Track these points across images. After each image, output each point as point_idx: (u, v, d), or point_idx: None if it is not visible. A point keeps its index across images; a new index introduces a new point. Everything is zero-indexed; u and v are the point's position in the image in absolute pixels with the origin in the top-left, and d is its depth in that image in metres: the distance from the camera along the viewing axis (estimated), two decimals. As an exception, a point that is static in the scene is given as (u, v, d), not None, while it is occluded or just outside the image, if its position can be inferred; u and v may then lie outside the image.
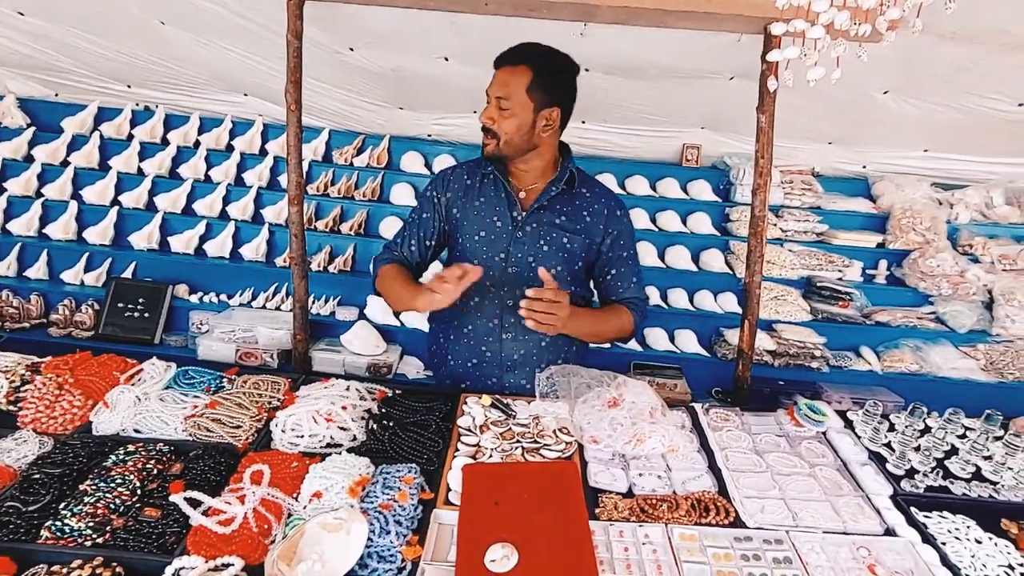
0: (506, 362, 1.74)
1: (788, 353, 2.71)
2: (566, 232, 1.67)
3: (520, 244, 1.67)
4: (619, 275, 1.75)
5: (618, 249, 1.73)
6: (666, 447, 1.49)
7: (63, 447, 1.39)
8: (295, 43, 2.19)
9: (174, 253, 3.00)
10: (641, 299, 1.79)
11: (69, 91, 3.44)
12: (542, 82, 1.55)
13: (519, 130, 1.56)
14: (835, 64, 1.38)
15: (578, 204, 1.69)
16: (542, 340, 1.72)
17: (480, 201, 1.71)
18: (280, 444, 1.47)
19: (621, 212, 1.74)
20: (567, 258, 1.69)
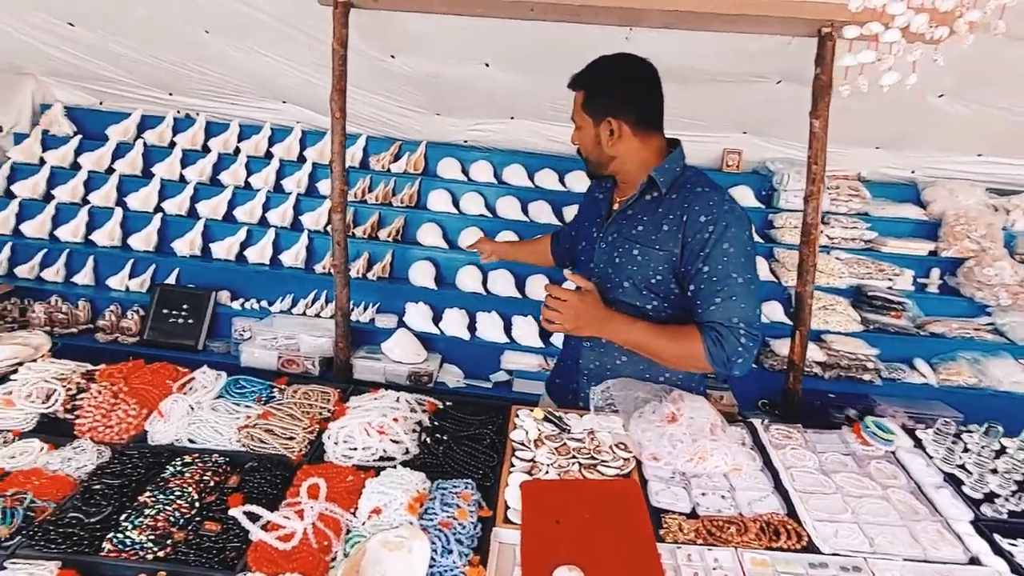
0: (583, 370, 1.73)
1: (839, 365, 2.62)
2: (638, 244, 1.57)
3: (602, 254, 1.66)
4: (697, 293, 1.51)
5: (697, 262, 1.49)
6: (729, 466, 1.44)
7: (121, 457, 1.40)
8: (340, 51, 2.19)
9: (216, 259, 3.03)
10: (726, 325, 1.47)
11: (113, 99, 3.51)
12: (592, 99, 1.61)
13: (590, 145, 1.63)
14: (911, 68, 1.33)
15: (660, 212, 1.55)
16: (620, 355, 1.66)
17: (591, 211, 1.79)
18: (333, 456, 1.45)
19: (708, 219, 1.48)
20: (637, 271, 1.58)
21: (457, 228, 3.12)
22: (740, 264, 1.48)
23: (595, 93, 1.59)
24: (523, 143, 3.35)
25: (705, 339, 1.48)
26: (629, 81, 1.61)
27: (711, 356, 1.48)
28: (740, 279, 1.47)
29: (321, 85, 3.08)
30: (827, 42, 2.10)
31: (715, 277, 1.48)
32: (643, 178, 1.58)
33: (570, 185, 3.25)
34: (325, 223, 3.12)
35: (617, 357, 1.67)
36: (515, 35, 2.49)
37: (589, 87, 1.60)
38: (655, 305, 1.60)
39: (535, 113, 3.21)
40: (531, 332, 2.78)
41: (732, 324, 1.47)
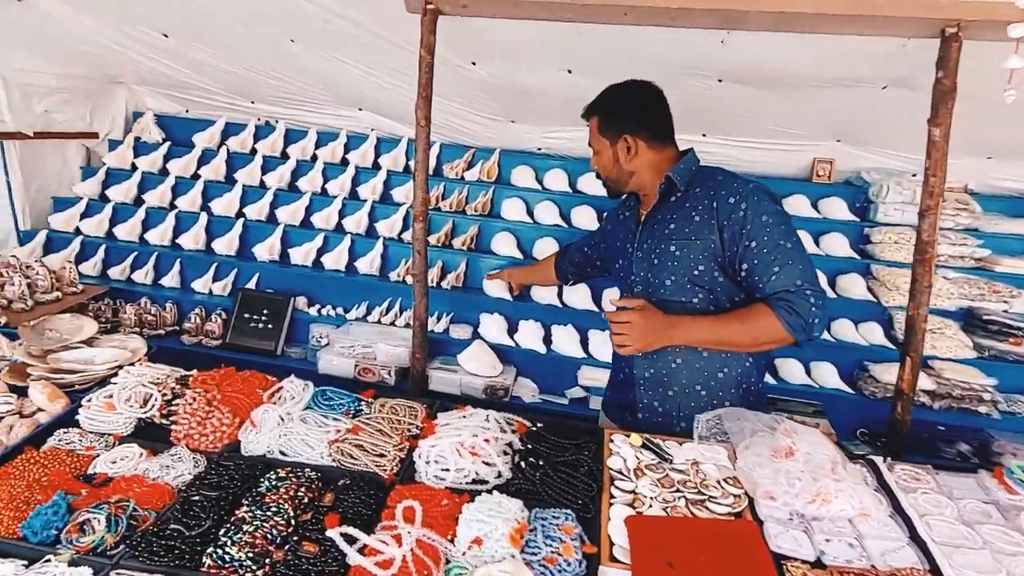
0: (638, 379, 1.73)
1: (951, 395, 2.40)
2: (674, 240, 1.63)
3: (640, 263, 1.72)
4: (752, 270, 1.53)
5: (743, 240, 1.52)
6: (856, 510, 1.30)
7: (217, 468, 1.39)
8: (427, 58, 2.16)
9: (294, 265, 3.08)
10: (792, 291, 1.48)
11: (198, 107, 3.64)
12: (606, 122, 1.76)
13: (608, 166, 1.76)
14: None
15: (688, 207, 1.63)
16: (675, 358, 1.66)
17: (621, 231, 1.88)
18: (426, 477, 1.40)
19: (737, 199, 1.54)
20: (678, 267, 1.62)
21: (531, 237, 3.05)
22: (783, 231, 1.52)
23: (608, 116, 1.75)
24: (599, 151, 3.26)
25: (778, 311, 1.49)
26: (638, 100, 1.75)
27: (789, 326, 1.48)
28: (788, 244, 1.51)
29: (396, 92, 3.10)
30: (951, 43, 1.92)
31: (765, 248, 1.51)
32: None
33: (647, 195, 3.13)
34: (399, 230, 3.12)
35: (672, 360, 1.66)
36: (600, 41, 2.41)
37: (602, 112, 1.77)
38: (701, 298, 1.61)
39: (613, 120, 3.11)
40: (609, 347, 2.67)
41: (798, 287, 1.49)
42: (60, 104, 3.23)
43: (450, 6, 2.10)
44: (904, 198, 2.85)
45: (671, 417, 1.69)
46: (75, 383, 1.70)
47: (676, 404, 1.68)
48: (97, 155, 3.60)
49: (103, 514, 1.21)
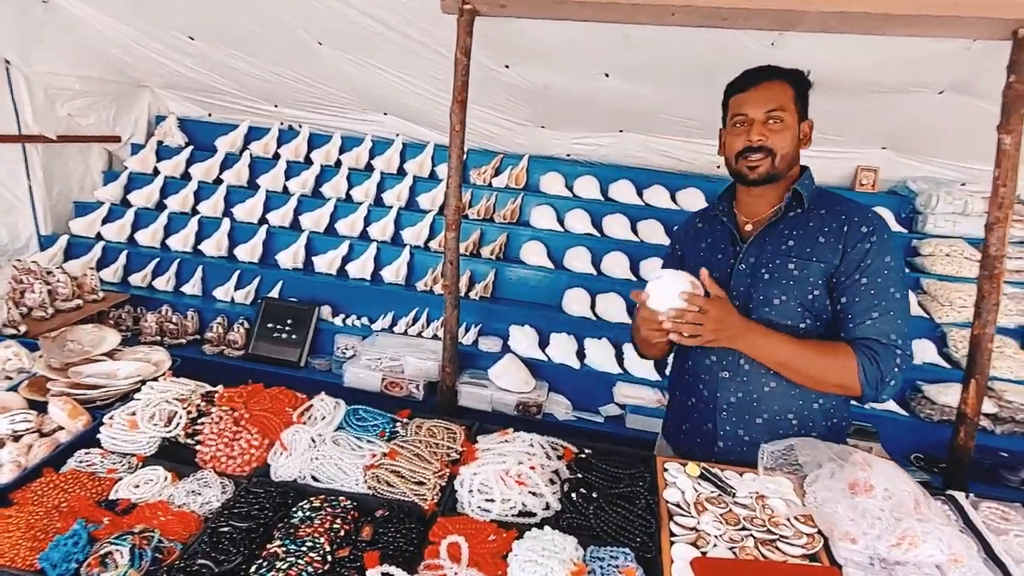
0: (721, 404, 1.53)
1: (1014, 419, 2.25)
2: (793, 258, 1.46)
3: (741, 276, 1.51)
4: (850, 305, 1.41)
5: (854, 272, 1.41)
6: (946, 555, 1.18)
7: (247, 495, 1.29)
8: (463, 61, 2.07)
9: (318, 273, 3.00)
10: (882, 342, 1.37)
11: (221, 111, 3.60)
12: (800, 94, 1.50)
13: (792, 143, 1.48)
14: None
15: (812, 226, 1.48)
16: (769, 381, 1.49)
17: (707, 242, 1.64)
18: (469, 508, 1.30)
19: (869, 229, 1.42)
20: (793, 287, 1.45)
21: (562, 246, 2.96)
22: (898, 279, 1.42)
23: (800, 90, 1.49)
24: (631, 157, 3.17)
25: (860, 356, 1.37)
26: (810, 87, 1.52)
27: (865, 375, 1.37)
28: (898, 294, 1.42)
29: (424, 96, 3.02)
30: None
31: (873, 290, 1.40)
32: (781, 194, 1.52)
33: (681, 203, 3.03)
34: (426, 238, 3.03)
35: (765, 384, 1.48)
36: (640, 44, 2.31)
37: (795, 82, 1.49)
38: (808, 324, 1.45)
39: (646, 126, 3.02)
40: (646, 363, 2.56)
41: (890, 341, 1.38)
42: (83, 107, 3.20)
43: (488, 6, 2.02)
44: (955, 208, 2.71)
45: (757, 449, 1.49)
46: (96, 399, 1.62)
47: (764, 433, 1.51)
48: (119, 159, 3.56)
49: (127, 546, 1.12)
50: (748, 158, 1.48)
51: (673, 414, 1.75)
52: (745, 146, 1.48)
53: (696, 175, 3.14)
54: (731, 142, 1.52)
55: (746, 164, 1.48)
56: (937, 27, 1.85)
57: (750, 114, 1.48)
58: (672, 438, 1.73)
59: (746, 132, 1.48)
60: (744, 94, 1.51)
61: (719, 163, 3.12)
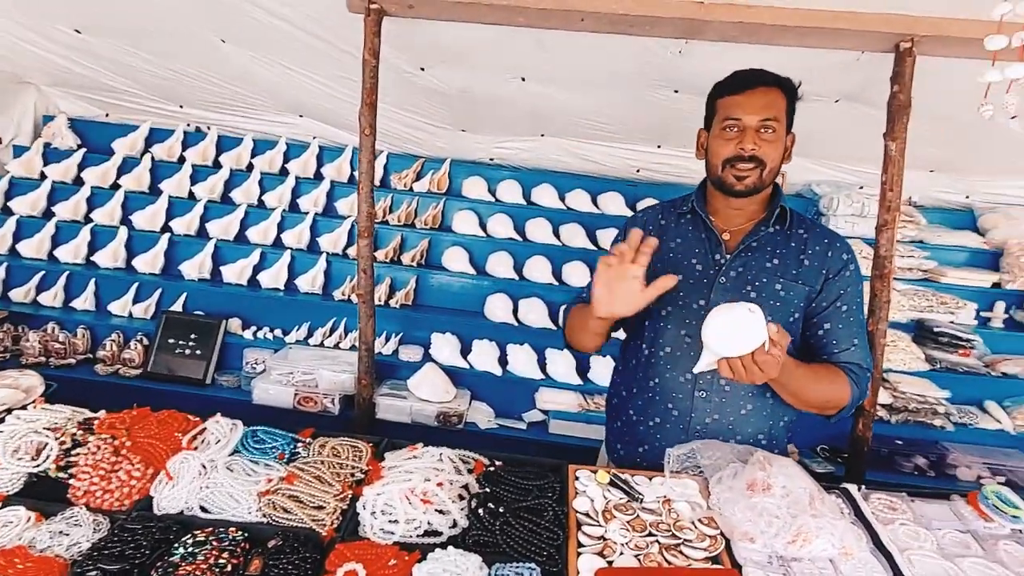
0: (695, 426, 1.47)
1: (907, 408, 2.40)
2: (780, 278, 1.43)
3: (723, 290, 1.44)
4: (834, 332, 1.43)
5: (836, 299, 1.43)
6: (837, 549, 1.22)
7: (122, 532, 1.18)
8: (372, 62, 2.01)
9: (226, 284, 2.83)
10: (863, 367, 1.42)
11: (120, 111, 3.34)
12: (790, 106, 1.45)
13: (779, 157, 1.43)
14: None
15: (794, 246, 1.46)
16: (746, 403, 1.46)
17: (677, 242, 1.52)
18: (371, 532, 1.23)
19: (848, 257, 1.45)
20: (779, 307, 1.42)
21: (484, 252, 2.92)
22: (863, 307, 1.49)
23: (792, 101, 1.46)
24: (553, 161, 3.18)
25: (851, 383, 1.41)
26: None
27: (852, 400, 1.41)
28: (864, 322, 1.51)
29: (340, 98, 2.92)
30: (906, 58, 1.92)
31: (852, 318, 1.44)
32: (760, 207, 1.47)
33: (603, 207, 3.07)
34: (344, 245, 2.92)
35: (742, 407, 1.46)
36: (553, 48, 2.32)
37: (788, 92, 1.44)
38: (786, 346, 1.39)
39: (567, 130, 3.03)
40: (567, 368, 2.57)
41: (866, 366, 1.44)
42: (-46, 106, 2.89)
43: (395, 7, 1.96)
44: (854, 210, 2.88)
45: None
46: (-49, 432, 1.44)
47: None
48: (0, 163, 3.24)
49: (-30, 604, 0.99)
50: (737, 167, 1.39)
51: (624, 435, 1.61)
52: (735, 154, 1.39)
53: (617, 179, 3.19)
54: (718, 147, 1.42)
55: (734, 173, 1.40)
56: (828, 39, 1.94)
57: (744, 120, 1.38)
58: (624, 461, 1.61)
59: (737, 139, 1.38)
60: (738, 97, 1.41)
61: (639, 167, 3.19)
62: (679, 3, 1.88)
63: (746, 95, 1.40)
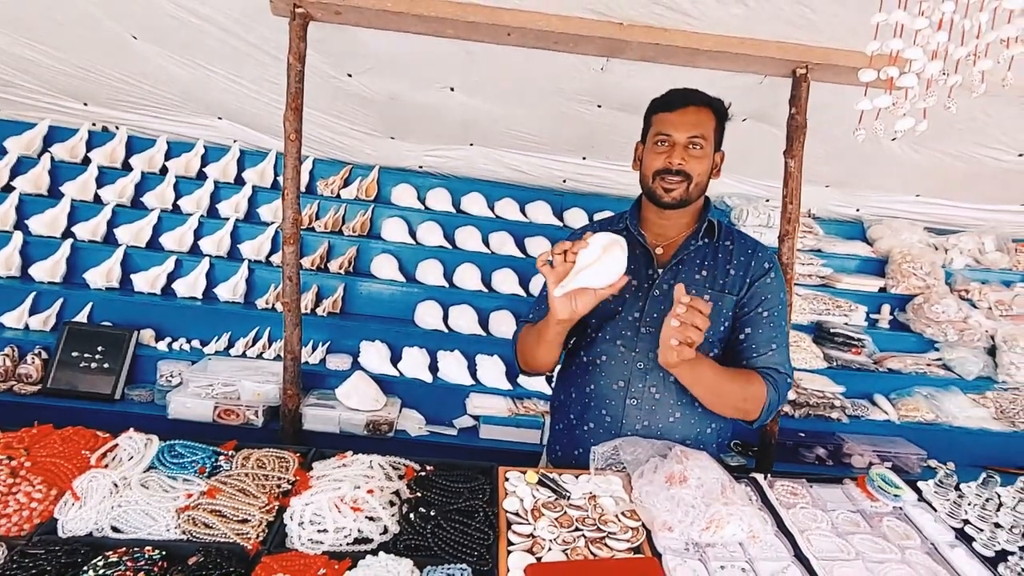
0: (625, 431, 1.53)
1: (808, 404, 2.61)
2: (708, 289, 1.50)
3: (656, 302, 1.51)
4: (754, 336, 1.49)
5: (758, 305, 1.49)
6: (746, 533, 1.32)
7: (21, 558, 1.10)
8: (297, 67, 1.98)
9: (137, 293, 2.66)
10: (780, 371, 1.47)
11: (14, 107, 3.09)
12: (720, 124, 1.53)
13: (707, 172, 1.51)
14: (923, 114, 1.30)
15: (721, 258, 1.53)
16: (675, 410, 1.52)
17: None
18: (299, 543, 1.21)
19: (770, 265, 1.52)
20: (710, 317, 1.42)
21: (414, 259, 2.92)
22: (784, 312, 1.53)
23: (721, 121, 1.52)
24: (482, 171, 3.22)
25: (768, 386, 1.45)
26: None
27: (769, 403, 1.45)
28: (786, 327, 1.53)
29: (263, 101, 2.84)
30: (802, 83, 2.11)
31: (772, 323, 1.49)
32: (690, 220, 1.55)
33: (532, 216, 3.14)
34: (268, 252, 2.83)
35: (671, 415, 1.52)
36: (482, 60, 2.37)
37: (718, 112, 1.51)
38: (715, 354, 1.52)
39: (496, 140, 3.09)
40: (497, 373, 2.60)
41: (784, 371, 1.49)
42: None
43: (322, 11, 1.95)
44: (761, 221, 3.10)
45: None
46: None
47: None
48: None
49: None
50: (665, 179, 1.47)
51: (563, 437, 1.66)
52: (664, 167, 1.47)
53: (544, 189, 3.28)
54: (650, 160, 1.50)
55: (662, 185, 1.47)
56: (735, 63, 2.11)
57: (674, 136, 1.46)
58: (561, 462, 1.67)
59: (667, 153, 1.46)
60: (670, 114, 1.49)
61: (565, 178, 3.30)
62: (600, 23, 1.99)
63: (677, 113, 1.49)
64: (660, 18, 2.02)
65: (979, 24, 1.17)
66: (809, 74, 2.09)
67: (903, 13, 1.19)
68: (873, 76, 1.26)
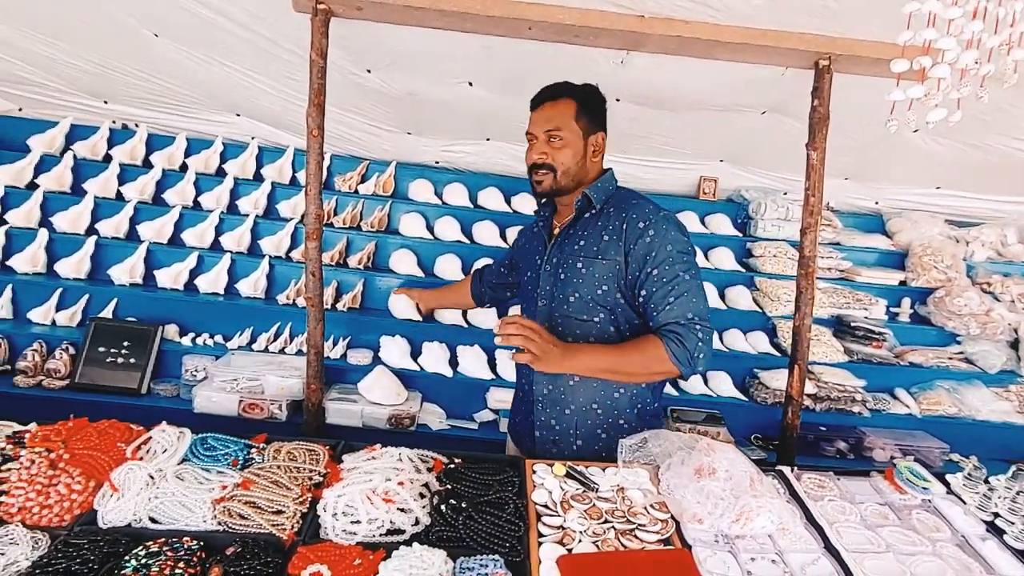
0: (536, 396, 1.69)
1: (829, 397, 2.60)
2: (582, 257, 1.61)
3: (547, 277, 1.67)
4: (649, 297, 1.53)
5: (646, 266, 1.53)
6: (776, 525, 1.33)
7: (65, 547, 1.13)
8: (319, 63, 1.99)
9: (160, 289, 2.69)
10: (682, 323, 1.49)
11: (36, 106, 3.12)
12: (587, 109, 1.64)
13: (574, 158, 1.62)
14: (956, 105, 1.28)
15: (599, 225, 1.62)
16: (571, 378, 1.63)
17: (528, 244, 1.82)
18: (333, 534, 1.23)
19: (646, 224, 1.54)
20: (583, 284, 1.60)
21: (432, 254, 2.93)
22: (684, 261, 1.54)
23: (588, 105, 1.64)
24: (499, 165, 3.22)
25: (667, 343, 1.49)
26: (604, 103, 1.71)
27: (675, 358, 1.48)
28: (687, 275, 1.52)
29: (281, 98, 2.85)
30: (824, 74, 2.09)
31: (664, 278, 1.52)
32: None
33: (548, 210, 3.14)
34: (287, 248, 2.85)
35: (570, 378, 1.63)
36: (500, 54, 2.37)
37: (581, 98, 1.63)
38: (602, 318, 1.60)
39: (513, 135, 3.08)
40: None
41: (688, 320, 1.50)
42: None
43: (343, 8, 1.96)
44: (779, 215, 3.08)
45: (568, 436, 1.67)
46: None
47: (573, 422, 1.66)
48: None
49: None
50: (536, 173, 1.64)
51: (513, 411, 1.89)
52: (532, 162, 1.65)
53: (560, 183, 3.27)
54: (526, 157, 1.68)
55: (534, 178, 1.66)
56: (756, 55, 2.09)
57: (534, 132, 1.65)
58: (512, 433, 1.88)
59: (531, 149, 1.65)
60: (532, 113, 1.68)
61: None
62: (621, 16, 1.98)
63: (536, 112, 1.67)
64: (681, 10, 2.01)
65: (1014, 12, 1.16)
66: (832, 65, 2.07)
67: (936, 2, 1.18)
68: (906, 66, 1.25)
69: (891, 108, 1.31)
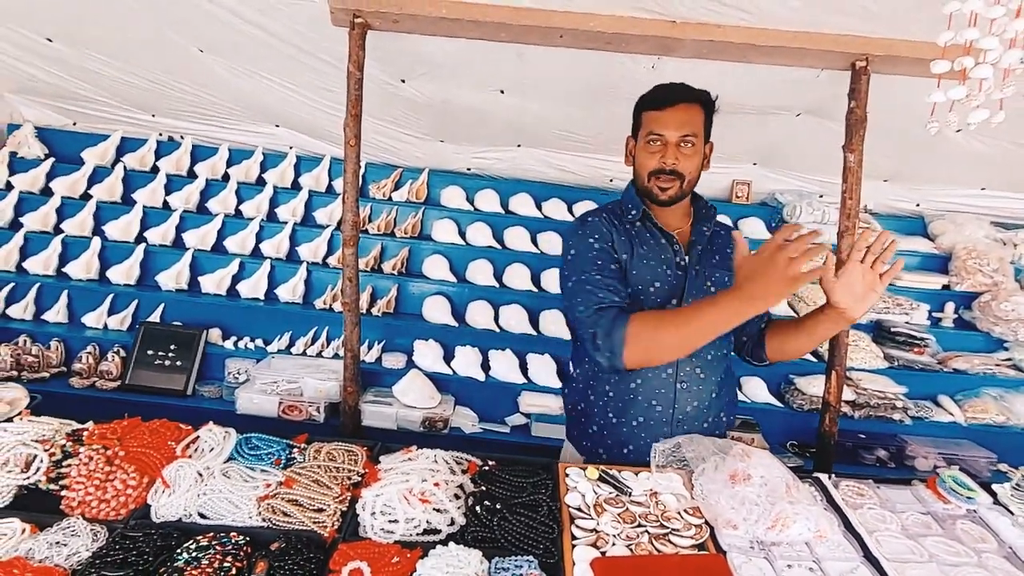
0: (677, 415, 1.57)
1: (869, 404, 2.54)
2: (725, 271, 1.59)
3: (695, 283, 1.57)
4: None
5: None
6: (813, 532, 1.31)
7: (123, 540, 1.19)
8: (356, 74, 2.05)
9: (205, 294, 2.80)
10: None
11: (88, 120, 3.29)
12: (708, 119, 1.56)
13: (698, 169, 1.54)
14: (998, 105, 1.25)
15: (720, 243, 1.63)
16: (714, 391, 1.58)
17: (644, 249, 1.56)
18: (372, 532, 1.27)
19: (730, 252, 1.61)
20: None
21: (464, 260, 2.97)
22: None
23: (710, 114, 1.56)
24: (530, 172, 3.25)
25: None
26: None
27: None
28: None
29: (318, 108, 2.94)
30: (861, 76, 2.05)
31: None
32: (687, 207, 1.61)
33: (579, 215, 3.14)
34: (324, 254, 2.93)
35: (713, 391, 1.58)
36: (532, 61, 2.40)
37: (707, 106, 1.54)
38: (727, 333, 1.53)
39: (543, 141, 3.12)
40: (548, 371, 2.63)
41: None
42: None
43: (380, 21, 2.01)
44: (815, 218, 3.03)
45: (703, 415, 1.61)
46: (-65, 447, 1.42)
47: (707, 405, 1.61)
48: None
49: (-26, 614, 0.99)
50: (660, 179, 1.50)
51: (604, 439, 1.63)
52: (659, 167, 1.49)
53: (591, 188, 3.29)
54: (644, 160, 1.52)
55: (658, 185, 1.50)
56: (790, 57, 2.06)
57: (665, 135, 1.48)
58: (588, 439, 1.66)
59: (660, 153, 1.48)
60: (659, 113, 1.50)
61: (612, 177, 3.30)
62: (653, 22, 1.98)
63: (668, 111, 1.50)
64: (712, 14, 2.01)
65: (1059, 10, 1.13)
66: (869, 66, 2.03)
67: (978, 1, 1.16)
68: (947, 67, 1.22)
69: (931, 110, 1.29)
